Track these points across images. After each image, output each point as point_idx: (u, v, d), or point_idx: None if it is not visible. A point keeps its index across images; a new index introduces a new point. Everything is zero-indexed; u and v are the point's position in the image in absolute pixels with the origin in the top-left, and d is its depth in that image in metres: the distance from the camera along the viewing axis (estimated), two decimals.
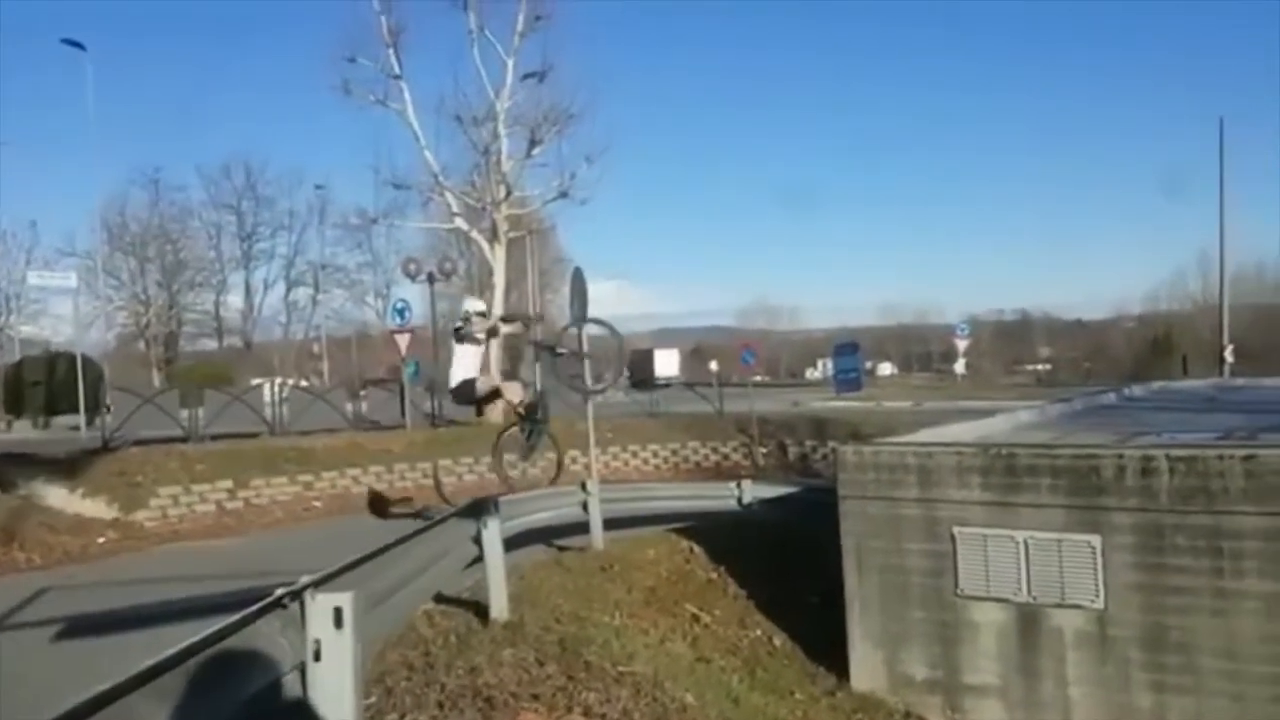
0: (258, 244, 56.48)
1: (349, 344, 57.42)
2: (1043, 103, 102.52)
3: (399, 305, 22.31)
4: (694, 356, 67.81)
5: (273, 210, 56.07)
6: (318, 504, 15.73)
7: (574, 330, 10.80)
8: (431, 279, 23.35)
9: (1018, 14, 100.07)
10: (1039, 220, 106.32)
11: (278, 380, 32.25)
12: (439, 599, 7.86)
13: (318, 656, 3.97)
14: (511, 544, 8.85)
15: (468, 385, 9.19)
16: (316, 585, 4.09)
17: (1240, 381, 18.98)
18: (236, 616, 3.72)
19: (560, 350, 9.56)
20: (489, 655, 6.62)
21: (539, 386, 9.31)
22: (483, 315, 9.37)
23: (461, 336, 9.20)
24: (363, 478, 16.59)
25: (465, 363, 9.22)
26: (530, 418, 9.46)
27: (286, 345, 57.47)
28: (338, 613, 3.94)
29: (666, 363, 54.08)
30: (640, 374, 48.31)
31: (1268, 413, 11.05)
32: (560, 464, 9.64)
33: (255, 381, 31.32)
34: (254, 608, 3.81)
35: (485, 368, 9.42)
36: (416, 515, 12.28)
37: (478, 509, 7.73)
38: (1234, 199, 31.97)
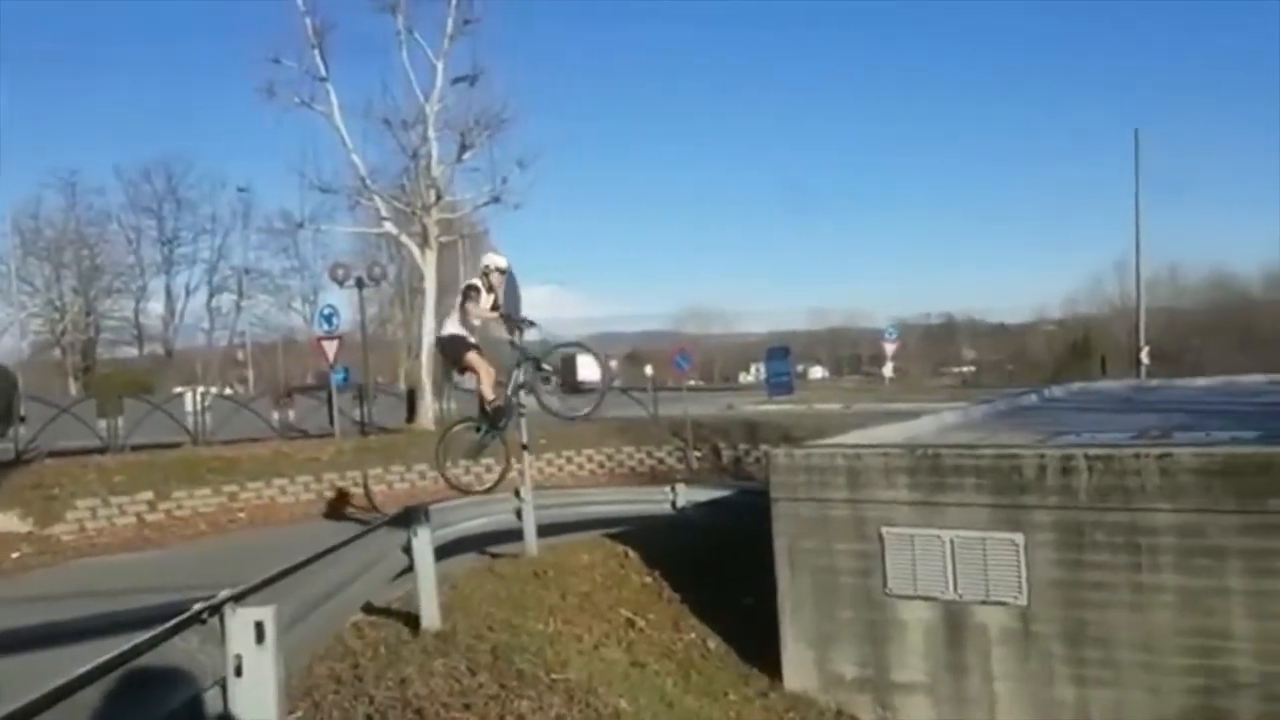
0: (179, 249, 54.94)
1: (275, 351, 56.25)
2: (967, 110, 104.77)
3: (326, 311, 21.89)
4: (629, 361, 67.99)
5: (195, 214, 54.57)
6: (242, 515, 15.40)
7: (566, 351, 10.25)
8: (360, 284, 23.02)
9: (940, 20, 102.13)
10: (964, 226, 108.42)
11: (200, 388, 31.50)
12: (369, 610, 7.76)
13: (239, 672, 3.88)
14: (443, 552, 8.77)
15: (460, 342, 8.44)
16: (237, 599, 4.00)
17: (1155, 382, 19.58)
18: (152, 632, 3.62)
19: (546, 368, 9.07)
20: (419, 666, 6.54)
21: (510, 392, 8.85)
22: (500, 273, 8.65)
23: (465, 292, 8.50)
24: (289, 488, 16.28)
25: (466, 319, 8.43)
26: (493, 418, 9.08)
27: (210, 352, 56.04)
28: (259, 627, 3.86)
29: (589, 367, 54.85)
30: (564, 379, 49.46)
31: (1181, 412, 11.41)
32: (505, 472, 9.29)
33: (177, 390, 30.52)
34: (171, 623, 3.71)
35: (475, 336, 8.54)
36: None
37: (408, 517, 7.64)
38: (1150, 205, 32.97)
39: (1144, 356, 30.87)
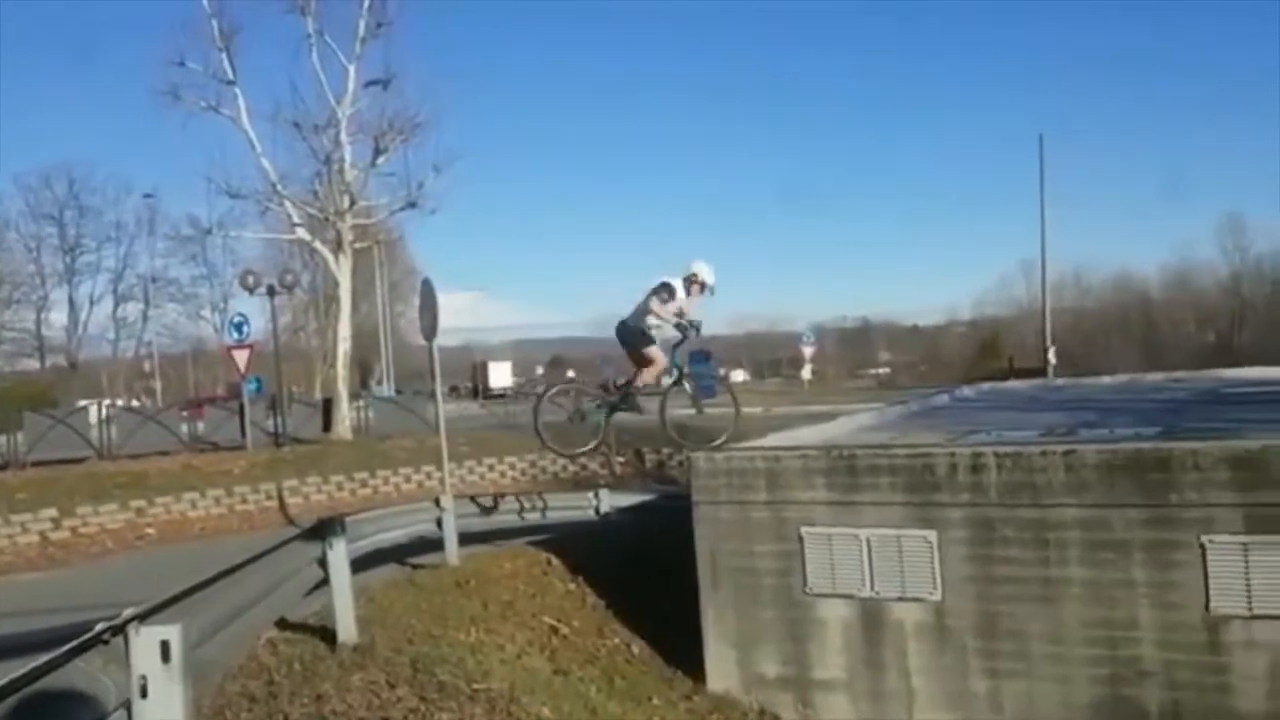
0: (82, 257, 52.93)
1: (184, 361, 54.67)
2: (879, 116, 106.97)
3: (237, 319, 21.34)
4: (552, 367, 67.98)
5: (98, 221, 52.62)
6: (151, 531, 14.92)
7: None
8: (272, 292, 22.48)
9: (848, 25, 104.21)
10: (880, 229, 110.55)
11: (105, 401, 30.46)
12: (284, 625, 7.59)
13: (144, 693, 3.76)
14: (361, 565, 8.63)
15: (642, 334, 8.57)
16: (141, 618, 3.86)
17: (1061, 382, 20.18)
18: (51, 655, 3.48)
19: (686, 384, 9.00)
20: (336, 681, 6.42)
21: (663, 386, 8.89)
22: (703, 288, 8.56)
23: (658, 290, 8.43)
24: (200, 502, 15.84)
25: (658, 312, 8.43)
26: (623, 401, 9.02)
27: (116, 364, 54.19)
28: (165, 646, 3.74)
29: (499, 374, 58.78)
30: (477, 384, 52.43)
31: (1086, 410, 11.77)
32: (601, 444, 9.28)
33: (81, 403, 29.47)
34: (71, 645, 3.57)
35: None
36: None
37: (322, 530, 7.49)
38: (1054, 208, 33.99)
39: (1050, 356, 31.79)
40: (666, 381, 8.91)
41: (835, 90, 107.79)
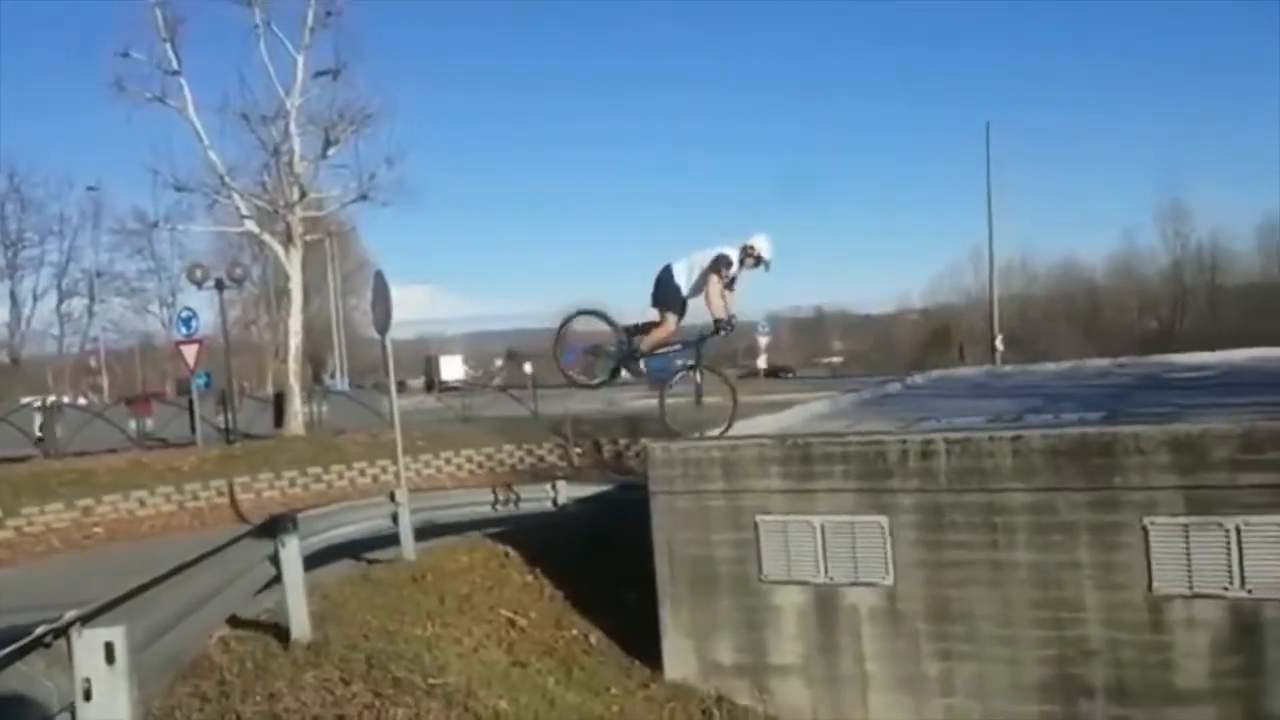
0: (25, 251, 51.62)
1: (132, 356, 53.68)
2: (829, 105, 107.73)
3: (185, 314, 20.95)
4: (509, 359, 67.86)
5: (41, 215, 51.39)
6: (99, 530, 14.63)
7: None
8: (220, 285, 22.11)
9: (801, 15, 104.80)
10: (834, 218, 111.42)
11: (50, 398, 29.85)
12: (236, 623, 7.49)
13: (88, 696, 3.70)
14: (315, 561, 8.55)
15: (677, 293, 8.56)
16: (84, 619, 3.80)
17: (1009, 368, 20.51)
18: None
19: (698, 377, 8.99)
20: (290, 679, 6.36)
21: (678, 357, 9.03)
22: (758, 262, 8.55)
23: (715, 262, 8.40)
24: (149, 500, 15.54)
25: (711, 294, 8.40)
26: (631, 355, 8.98)
27: (61, 360, 53.08)
28: (109, 648, 3.68)
29: (451, 367, 58.76)
30: (428, 378, 52.73)
31: (1033, 396, 11.99)
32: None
33: (25, 400, 28.84)
34: (11, 649, 3.50)
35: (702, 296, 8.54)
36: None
37: (274, 526, 7.40)
38: (1002, 196, 34.49)
39: (999, 343, 32.28)
40: (678, 364, 9.03)
41: (782, 80, 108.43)
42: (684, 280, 8.63)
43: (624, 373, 9.24)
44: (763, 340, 42.62)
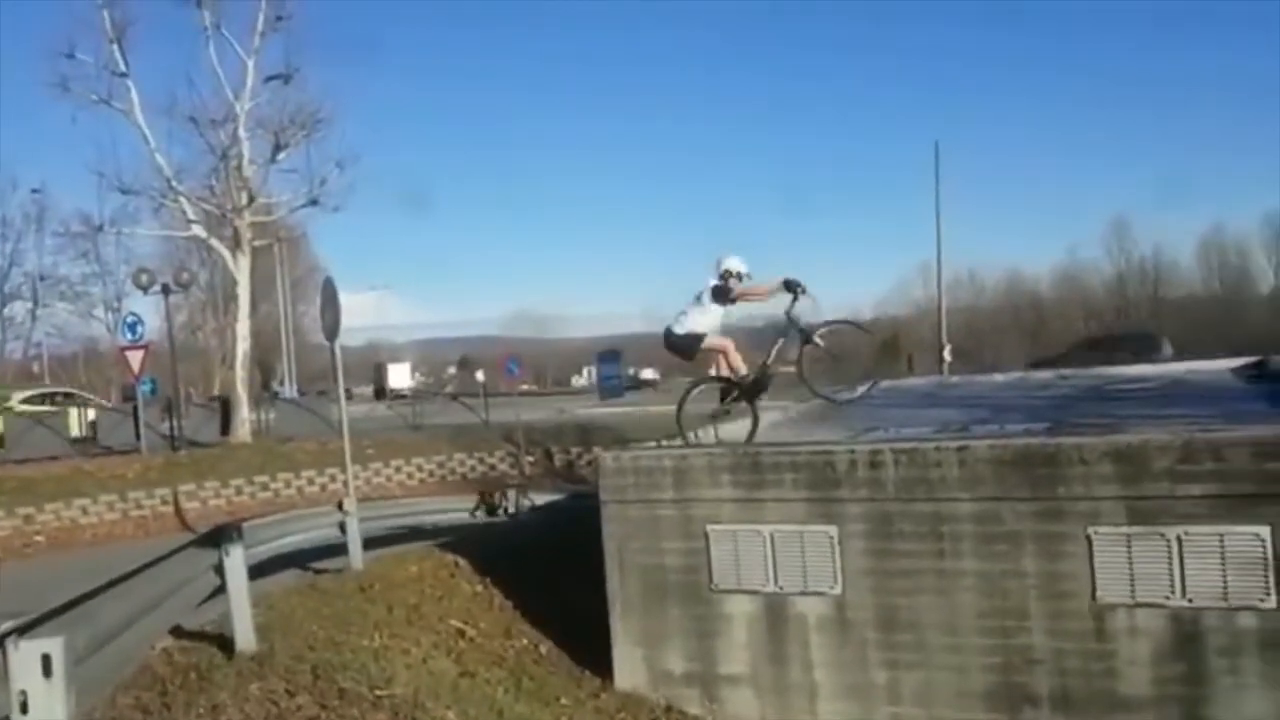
0: None
1: (75, 361, 52.53)
2: (784, 116, 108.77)
3: (130, 319, 20.63)
4: (461, 367, 67.64)
5: None
6: (40, 539, 14.39)
7: (837, 328, 9.80)
8: (166, 290, 21.79)
9: (749, 21, 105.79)
10: (787, 228, 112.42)
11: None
12: (179, 634, 7.37)
13: (24, 709, 3.62)
14: (262, 571, 8.44)
15: (693, 340, 8.86)
16: (21, 631, 3.72)
17: (956, 379, 20.79)
18: None
19: (818, 341, 8.97)
20: (233, 691, 6.26)
21: (769, 361, 9.10)
22: (740, 278, 8.94)
23: (716, 293, 8.83)
24: (92, 508, 15.31)
25: (704, 318, 8.86)
26: (750, 390, 9.12)
27: (2, 364, 51.81)
28: (46, 660, 3.60)
29: (399, 375, 59.25)
30: (376, 385, 53.42)
31: (979, 407, 12.17)
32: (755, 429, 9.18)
33: None
34: None
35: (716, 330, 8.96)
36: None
37: (219, 536, 7.30)
38: (951, 209, 35.00)
39: (947, 354, 32.72)
40: (786, 349, 9.13)
41: (735, 92, 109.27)
42: (698, 324, 8.95)
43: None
44: None
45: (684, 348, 9.07)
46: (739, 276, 8.98)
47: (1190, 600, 6.67)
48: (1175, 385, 13.85)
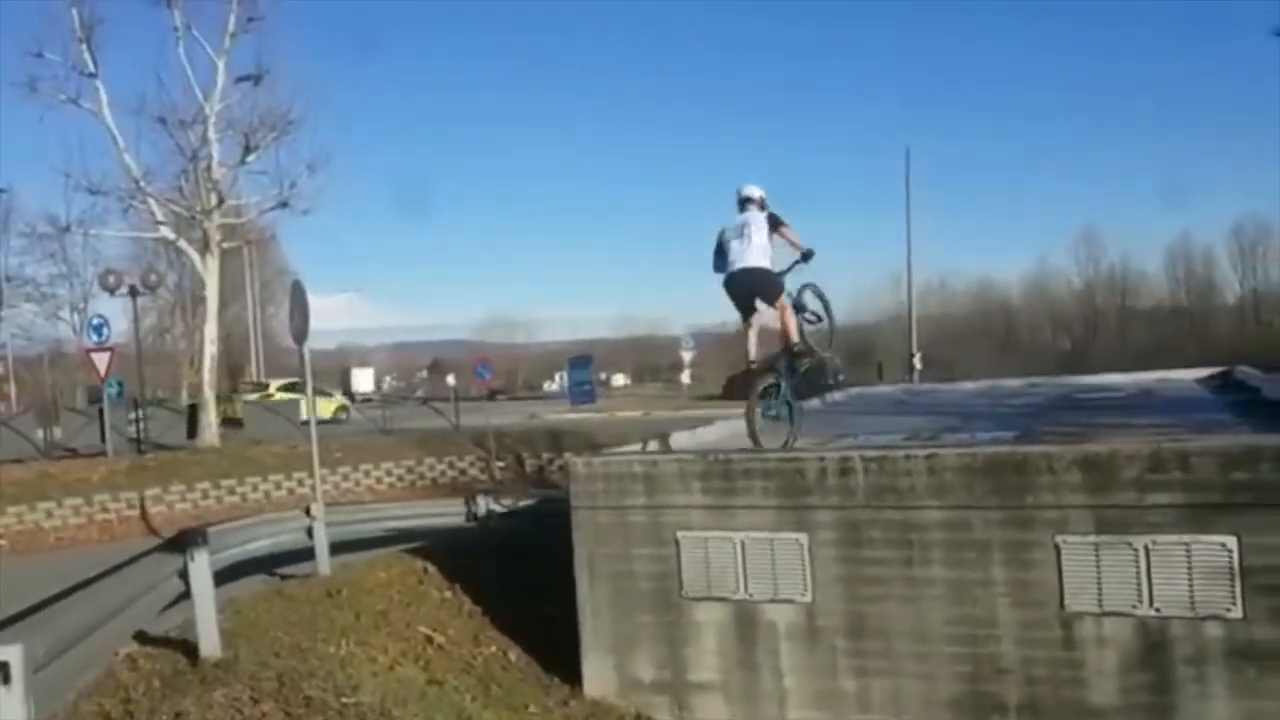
0: None
1: (41, 363, 51.83)
2: (753, 120, 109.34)
3: (96, 321, 20.40)
4: (432, 371, 67.68)
5: None
6: (3, 543, 14.16)
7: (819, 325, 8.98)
8: (134, 292, 21.56)
9: (720, 23, 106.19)
10: None
11: None
12: (144, 640, 7.28)
13: None
14: (227, 576, 8.34)
15: (777, 281, 8.15)
16: None
17: (926, 387, 20.95)
18: None
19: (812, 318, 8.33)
20: (197, 698, 6.18)
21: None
22: (763, 206, 8.30)
23: (772, 222, 8.11)
24: (56, 511, 15.08)
25: (766, 257, 8.04)
26: (811, 371, 8.46)
27: None
28: (4, 668, 3.54)
29: (363, 379, 60.63)
30: (343, 390, 52.97)
31: (948, 415, 12.24)
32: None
33: None
34: None
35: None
36: None
37: (184, 540, 7.21)
38: (921, 216, 35.36)
39: (917, 362, 32.96)
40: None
41: (708, 94, 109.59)
42: (765, 262, 8.32)
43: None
44: (686, 355, 42.93)
45: (769, 287, 8.28)
46: (762, 204, 8.46)
47: (1158, 609, 6.72)
48: (1143, 395, 14.01)
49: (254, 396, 32.69)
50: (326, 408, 31.65)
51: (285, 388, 34.16)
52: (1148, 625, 6.77)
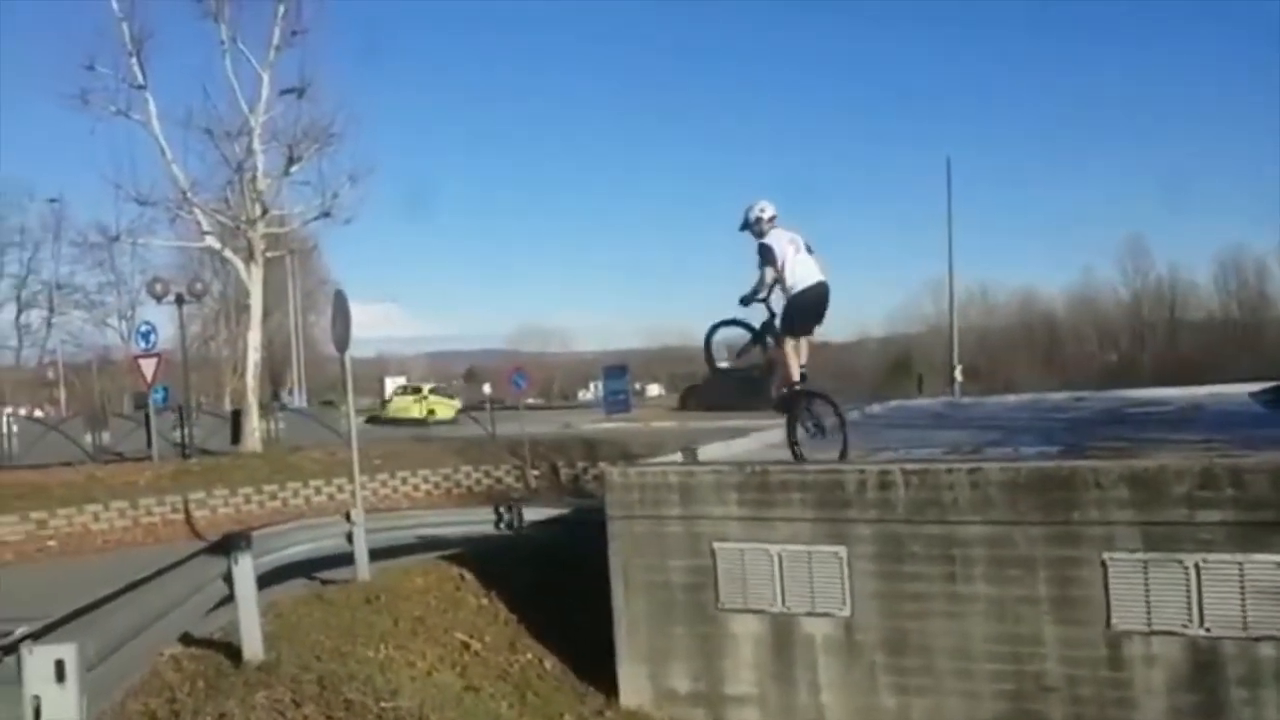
0: None
1: (89, 370, 52.81)
2: (792, 128, 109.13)
3: (144, 328, 20.77)
4: (468, 379, 68.00)
5: (2, 226, 50.68)
6: (53, 544, 14.39)
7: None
8: (180, 300, 21.91)
9: (758, 40, 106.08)
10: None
11: (7, 410, 29.33)
12: (188, 641, 7.37)
13: (38, 714, 3.61)
14: (269, 580, 8.42)
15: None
16: (35, 636, 3.71)
17: (968, 400, 20.72)
18: None
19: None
20: (241, 699, 6.24)
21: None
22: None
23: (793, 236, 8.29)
24: (104, 514, 15.31)
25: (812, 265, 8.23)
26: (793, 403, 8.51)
27: (19, 372, 52.08)
28: (59, 666, 3.60)
29: (394, 388, 60.23)
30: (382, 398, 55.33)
31: (991, 428, 12.10)
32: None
33: None
34: None
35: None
36: None
37: (228, 544, 7.29)
38: (962, 227, 34.98)
39: (958, 374, 32.57)
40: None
41: (747, 108, 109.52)
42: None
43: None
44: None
45: (826, 304, 8.47)
46: (772, 219, 8.56)
47: (1208, 629, 6.59)
48: (1193, 409, 13.75)
49: (412, 398, 41.11)
50: (447, 409, 38.10)
51: (434, 391, 43.27)
52: (1198, 645, 6.64)
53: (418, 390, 43.68)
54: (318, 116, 20.82)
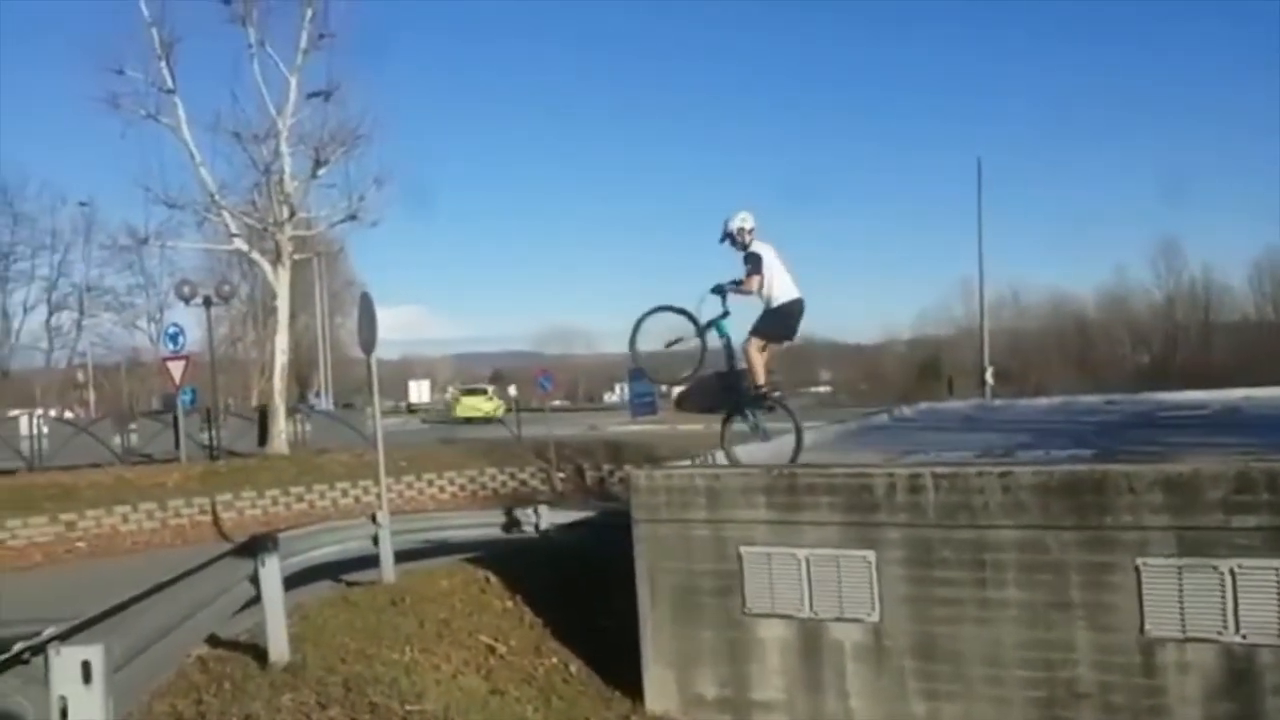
0: (15, 264, 51.44)
1: (118, 372, 53.41)
2: (821, 130, 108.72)
3: (172, 330, 20.99)
4: (493, 382, 68.31)
5: (33, 229, 51.25)
6: (82, 545, 14.55)
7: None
8: (208, 302, 22.13)
9: (782, 41, 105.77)
10: (820, 248, 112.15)
11: (37, 411, 29.67)
12: (214, 643, 7.40)
13: (64, 715, 3.61)
14: (295, 581, 8.44)
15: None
16: (62, 638, 3.72)
17: (998, 402, 20.52)
18: None
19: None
20: (266, 701, 6.26)
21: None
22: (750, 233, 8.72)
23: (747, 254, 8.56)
24: (132, 515, 15.46)
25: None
26: (759, 400, 8.89)
27: (49, 373, 52.75)
28: (86, 667, 3.60)
29: (419, 390, 63.99)
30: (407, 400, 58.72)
31: (1023, 431, 11.95)
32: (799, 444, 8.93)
33: (13, 413, 28.58)
34: None
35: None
36: None
37: (255, 546, 7.32)
38: (992, 228, 34.68)
39: (988, 377, 32.26)
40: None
41: (773, 110, 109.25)
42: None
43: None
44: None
45: (800, 317, 8.85)
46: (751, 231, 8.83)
47: (1244, 636, 6.45)
48: (1228, 413, 13.54)
49: (481, 397, 45.09)
50: (501, 407, 41.09)
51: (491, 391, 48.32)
52: (1233, 652, 6.50)
53: (484, 391, 47.95)
54: (344, 119, 21.05)
